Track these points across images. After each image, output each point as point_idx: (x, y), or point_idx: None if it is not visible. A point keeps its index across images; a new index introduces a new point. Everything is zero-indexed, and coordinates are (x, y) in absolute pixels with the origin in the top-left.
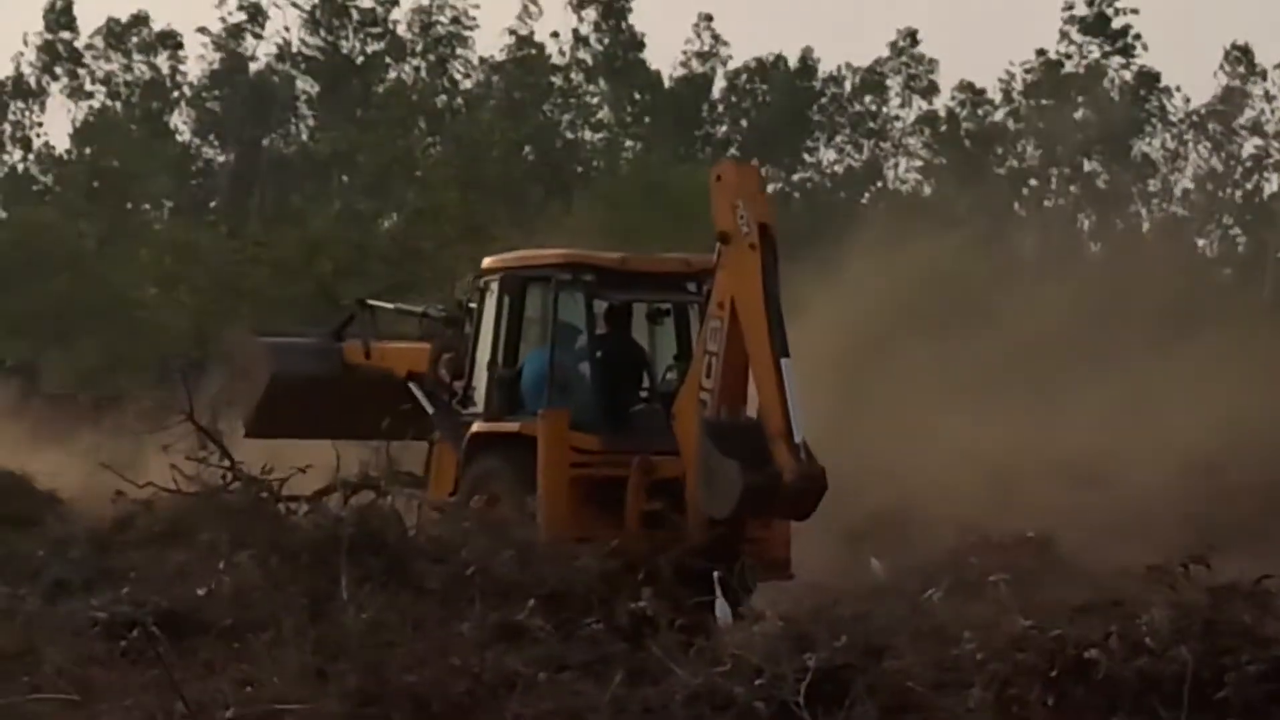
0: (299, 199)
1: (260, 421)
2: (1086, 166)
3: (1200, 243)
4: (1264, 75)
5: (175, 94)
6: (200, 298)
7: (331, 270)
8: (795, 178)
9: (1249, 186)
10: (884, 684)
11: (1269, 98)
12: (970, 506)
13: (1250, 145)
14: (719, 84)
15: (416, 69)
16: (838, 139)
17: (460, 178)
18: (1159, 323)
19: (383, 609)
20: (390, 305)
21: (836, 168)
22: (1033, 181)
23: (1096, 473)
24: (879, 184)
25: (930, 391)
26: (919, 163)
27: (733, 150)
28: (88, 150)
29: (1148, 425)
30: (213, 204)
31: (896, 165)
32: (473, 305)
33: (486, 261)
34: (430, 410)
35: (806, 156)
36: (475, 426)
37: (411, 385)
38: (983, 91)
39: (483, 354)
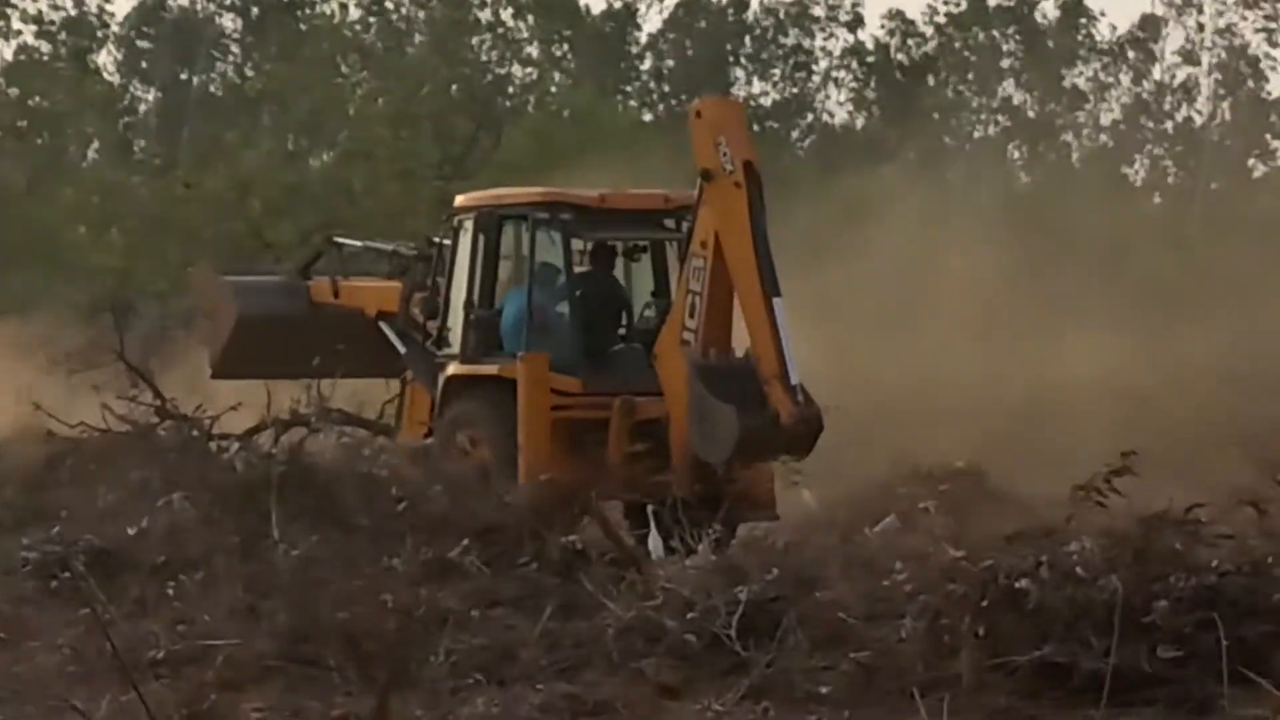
0: (229, 138)
1: (227, 361)
2: (1016, 99)
3: (1128, 172)
4: (1199, 8)
5: (102, 33)
6: (129, 237)
7: (262, 210)
8: None
9: (1179, 117)
10: (815, 616)
11: (1200, 27)
12: (901, 438)
13: (1182, 74)
14: (647, 22)
15: (343, 4)
16: (768, 72)
17: (391, 114)
18: (1089, 253)
19: (314, 547)
20: (359, 243)
21: (764, 100)
22: (962, 113)
23: (1026, 404)
24: (809, 117)
25: (864, 324)
26: (849, 95)
27: (661, 85)
28: (14, 90)
29: (1079, 357)
30: (141, 144)
31: (826, 98)
32: (446, 243)
33: (460, 199)
34: (402, 350)
35: (735, 91)
36: (452, 369)
37: (382, 324)
38: (912, 22)
39: (458, 294)
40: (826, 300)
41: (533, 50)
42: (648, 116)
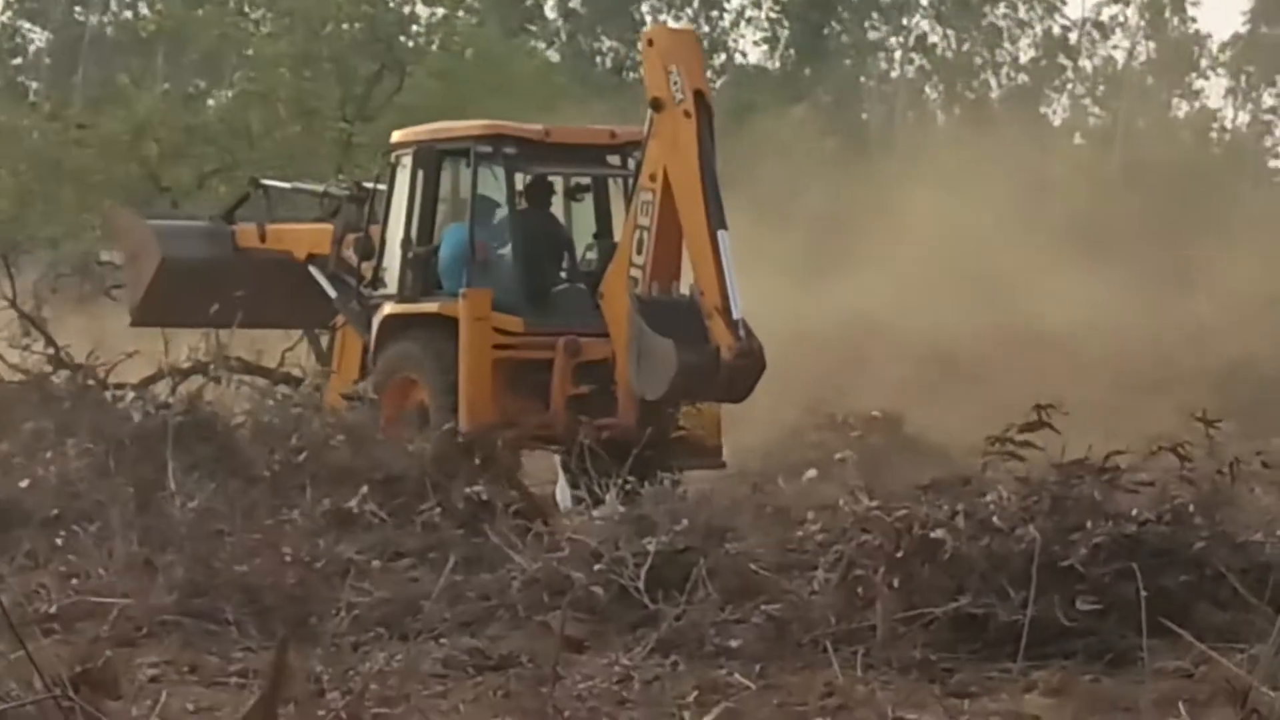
0: (124, 79)
1: (148, 308)
2: (932, 37)
3: (1046, 112)
4: None
5: None
6: (20, 181)
7: (158, 153)
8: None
9: (1101, 56)
10: (726, 567)
11: None
12: (816, 385)
13: (1105, 12)
14: None
15: None
16: (679, 14)
17: (292, 55)
18: (1008, 195)
19: (211, 498)
20: (286, 185)
21: None
22: (878, 52)
23: (944, 351)
24: (723, 57)
25: (781, 268)
26: (762, 35)
27: (568, 25)
28: None
29: (998, 302)
30: (34, 85)
31: (740, 38)
32: (381, 188)
33: (397, 135)
34: (333, 294)
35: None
36: (388, 308)
37: (312, 268)
38: None
39: (395, 233)
40: (740, 243)
41: None
42: (555, 57)
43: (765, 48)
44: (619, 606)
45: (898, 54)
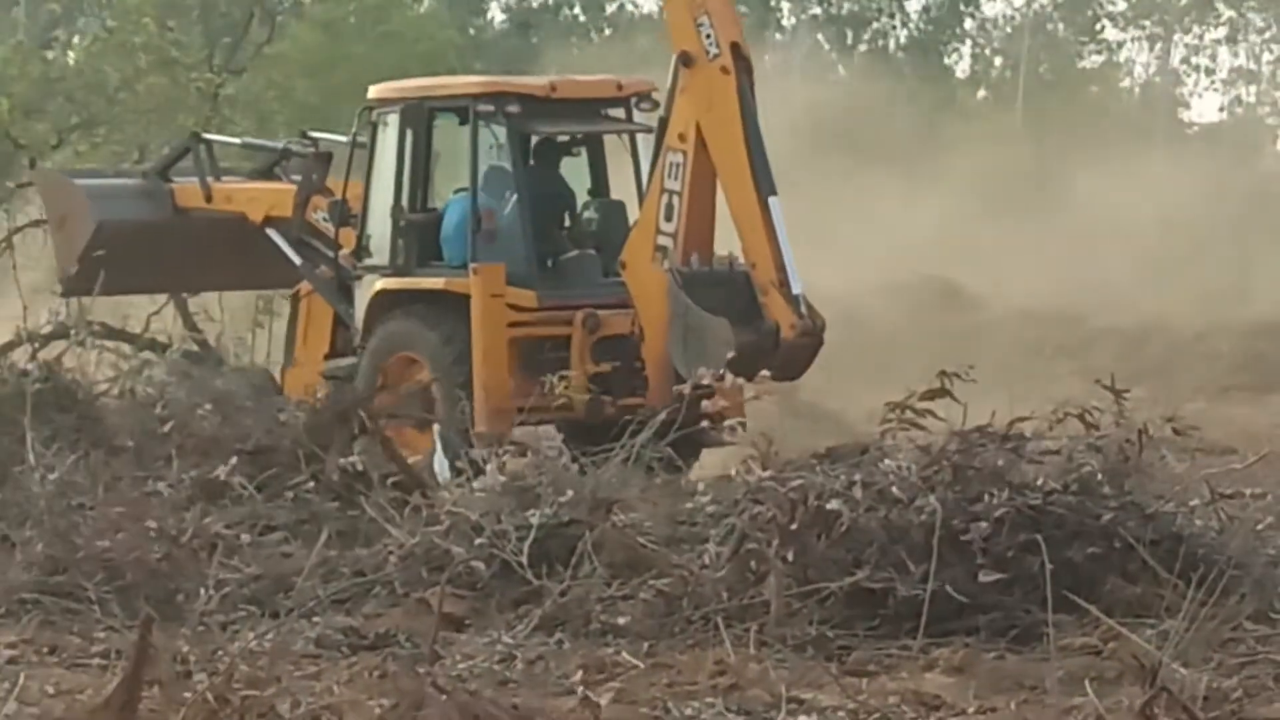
0: None
1: (81, 275)
2: None
3: (949, 63)
4: None
5: None
6: None
7: (10, 108)
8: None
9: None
10: (613, 540)
11: None
12: None
13: None
14: None
15: None
16: None
17: (155, 2)
18: (904, 145)
19: (72, 470)
20: (235, 140)
21: None
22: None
23: (841, 314)
24: (614, 6)
25: None
26: None
27: None
28: None
29: (897, 262)
30: None
31: None
32: (362, 141)
33: (377, 91)
34: (297, 260)
35: None
36: (381, 283)
37: (270, 232)
38: None
39: (380, 198)
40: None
41: None
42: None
43: None
44: (501, 582)
45: (786, 5)
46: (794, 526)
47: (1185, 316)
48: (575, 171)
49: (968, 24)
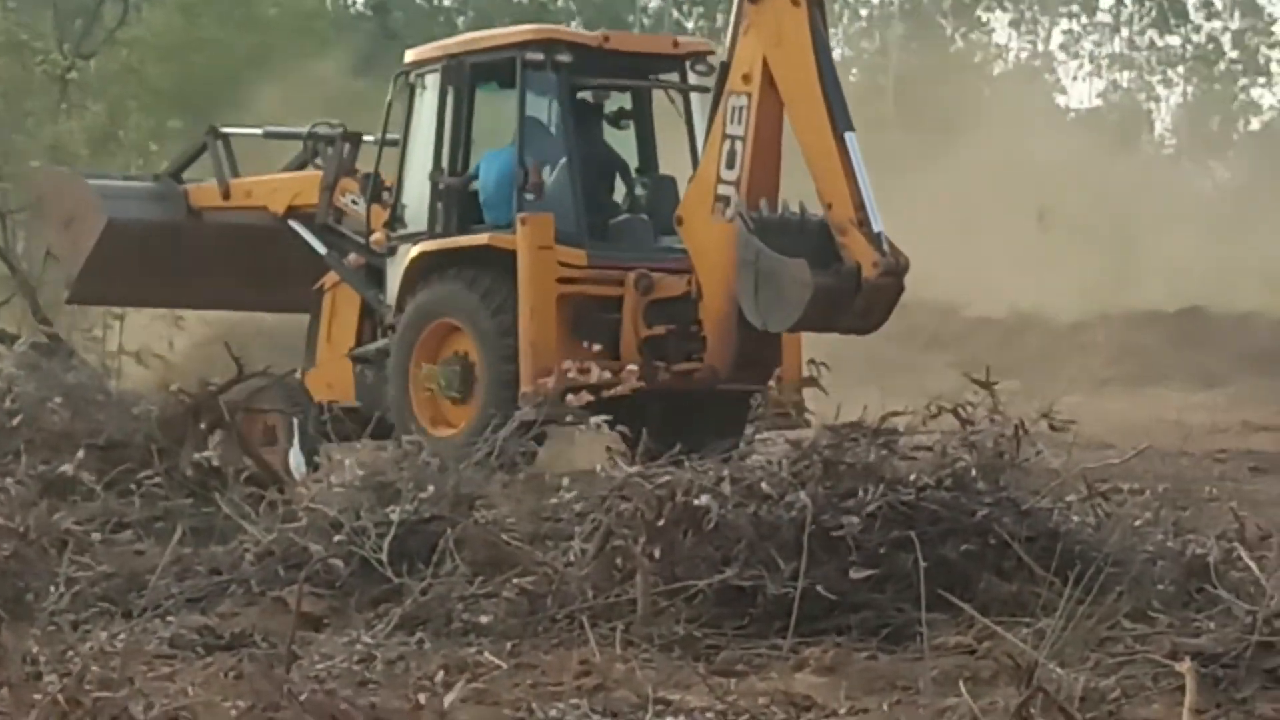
0: None
1: (89, 281)
2: None
3: None
4: None
5: None
6: None
7: None
8: None
9: None
10: (475, 537)
11: None
12: None
13: None
14: None
15: None
16: None
17: None
18: None
19: None
20: (256, 130)
21: None
22: None
23: None
24: None
25: None
26: None
27: None
28: None
29: None
30: None
31: None
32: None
33: (415, 53)
34: (322, 251)
35: None
36: (418, 247)
37: (294, 224)
38: None
39: (418, 164)
40: None
41: None
42: None
43: None
44: (360, 580)
45: None
46: (661, 523)
47: (1062, 307)
48: (624, 145)
49: (836, 5)
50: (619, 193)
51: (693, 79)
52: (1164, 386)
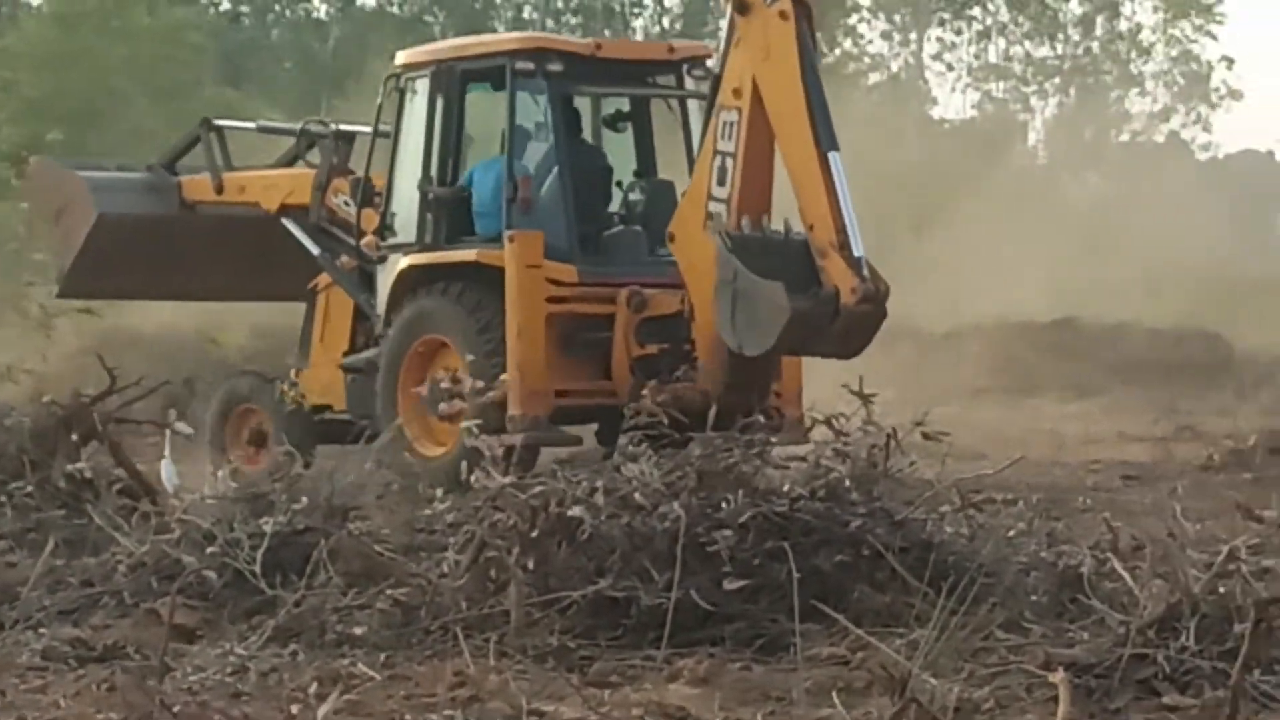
0: None
1: (79, 275)
2: None
3: None
4: None
5: None
6: None
7: None
8: None
9: None
10: (349, 549)
11: None
12: None
13: None
14: None
15: None
16: None
17: None
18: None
19: None
20: (249, 124)
21: None
22: None
23: None
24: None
25: None
26: None
27: None
28: None
29: None
30: None
31: None
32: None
33: (404, 56)
34: (315, 251)
35: None
36: (408, 259)
37: (286, 221)
38: None
39: (407, 171)
40: None
41: None
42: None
43: None
44: (234, 592)
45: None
46: (535, 534)
47: (935, 316)
48: (621, 148)
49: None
50: (615, 201)
51: (690, 84)
52: (1038, 397)
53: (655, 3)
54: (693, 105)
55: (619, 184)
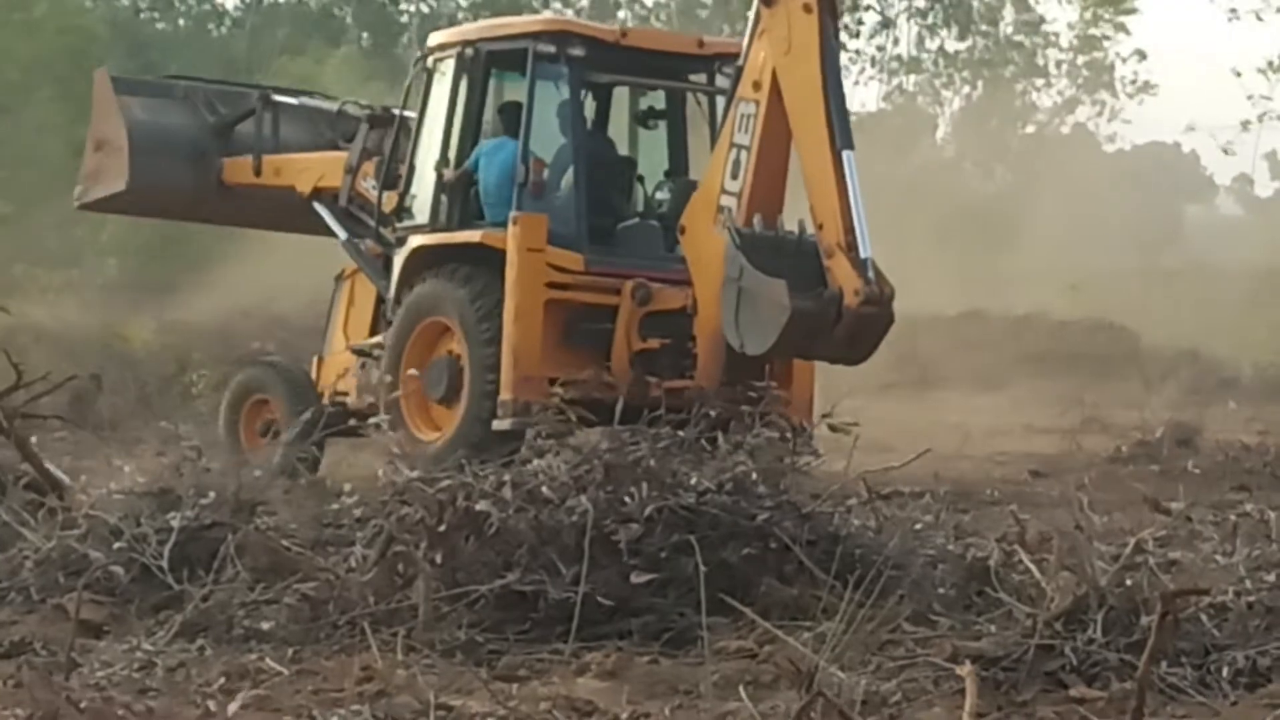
0: None
1: (99, 206)
2: None
3: None
4: None
5: None
6: None
7: None
8: None
9: None
10: (256, 544)
11: None
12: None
13: None
14: None
15: None
16: None
17: None
18: None
19: None
20: (298, 100)
21: None
22: None
23: None
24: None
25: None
26: None
27: None
28: None
29: None
30: None
31: None
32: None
33: (437, 37)
34: (342, 235)
35: None
36: (417, 240)
37: (317, 205)
38: None
39: (427, 153)
40: None
41: None
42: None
43: None
44: (141, 587)
45: None
46: (442, 528)
47: None
48: (654, 145)
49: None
50: (639, 197)
51: (721, 82)
52: (945, 390)
53: None
54: (722, 103)
55: (640, 179)
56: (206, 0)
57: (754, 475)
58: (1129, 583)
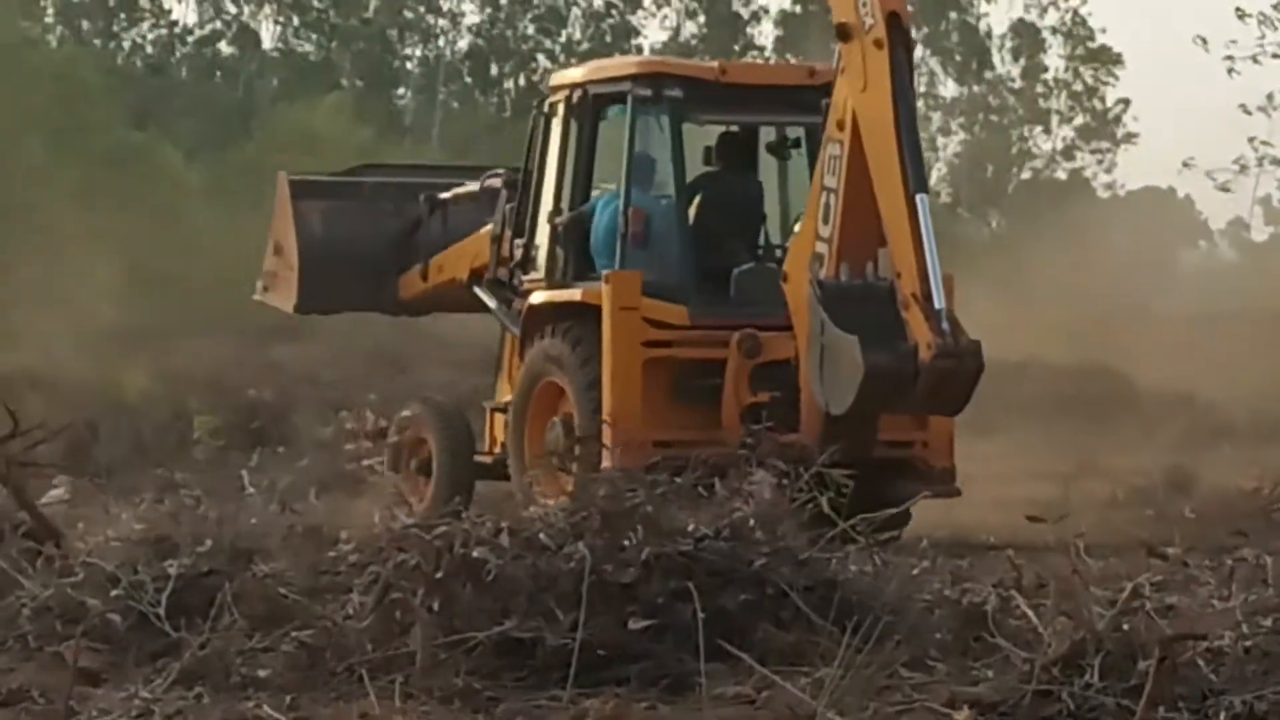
0: None
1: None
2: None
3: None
4: None
5: None
6: None
7: None
8: None
9: None
10: (253, 591)
11: None
12: (358, 389)
13: None
14: None
15: None
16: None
17: None
18: None
19: None
20: (450, 194)
21: None
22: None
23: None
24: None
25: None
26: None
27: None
28: None
29: None
30: None
31: (266, 19)
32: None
33: (556, 78)
34: (492, 305)
35: None
36: (534, 297)
37: (476, 290)
38: None
39: (545, 201)
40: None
41: None
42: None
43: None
44: (138, 635)
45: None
46: (439, 575)
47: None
48: (795, 176)
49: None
50: (753, 237)
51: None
52: None
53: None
54: None
55: (764, 218)
56: (205, 49)
57: (751, 521)
58: (1126, 628)
